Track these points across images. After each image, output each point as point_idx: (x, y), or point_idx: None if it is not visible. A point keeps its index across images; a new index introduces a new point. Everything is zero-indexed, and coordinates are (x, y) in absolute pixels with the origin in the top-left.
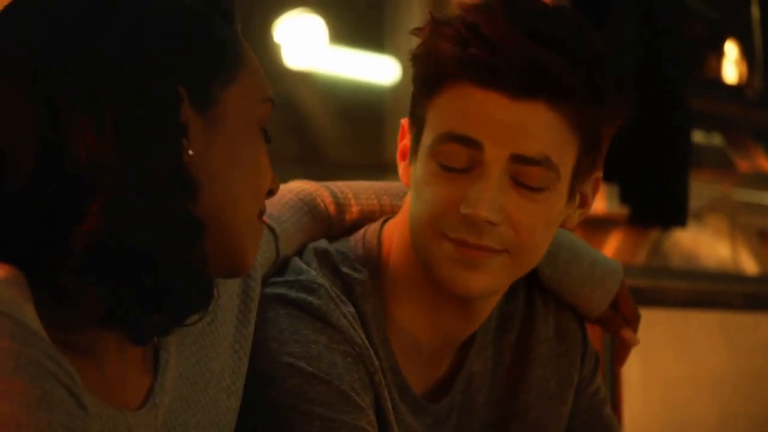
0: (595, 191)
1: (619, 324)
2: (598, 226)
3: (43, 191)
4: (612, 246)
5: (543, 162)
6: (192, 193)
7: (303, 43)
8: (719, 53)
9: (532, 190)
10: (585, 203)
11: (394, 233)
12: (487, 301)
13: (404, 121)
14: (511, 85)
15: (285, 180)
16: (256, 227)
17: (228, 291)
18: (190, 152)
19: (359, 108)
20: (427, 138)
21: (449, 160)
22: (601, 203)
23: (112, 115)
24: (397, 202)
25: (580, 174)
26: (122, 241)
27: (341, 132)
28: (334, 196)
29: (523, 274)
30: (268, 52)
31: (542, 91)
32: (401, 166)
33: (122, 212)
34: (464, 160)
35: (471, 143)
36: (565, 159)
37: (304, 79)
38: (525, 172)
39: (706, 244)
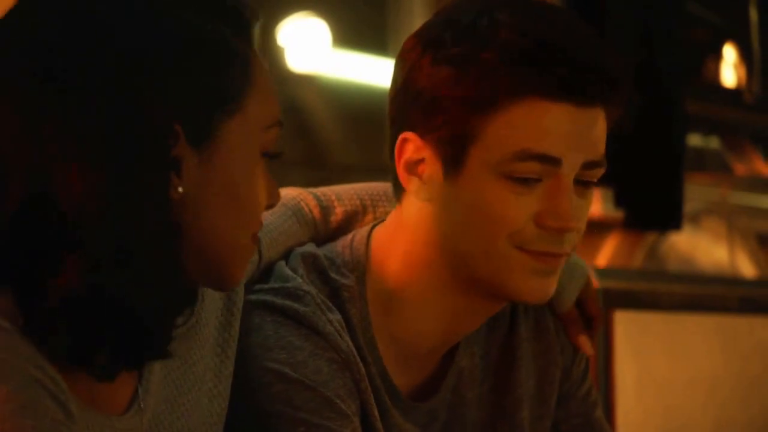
0: None
1: (578, 328)
2: (594, 229)
3: (23, 236)
4: (608, 249)
5: (603, 161)
6: (176, 238)
7: (306, 47)
8: (718, 57)
9: (588, 186)
10: None
11: (385, 242)
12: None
13: (410, 136)
14: (582, 95)
15: (288, 184)
16: (248, 249)
17: (211, 292)
18: (180, 190)
19: (363, 111)
20: (485, 155)
21: (523, 174)
22: (597, 207)
23: (102, 167)
24: (377, 201)
25: None
26: (97, 297)
27: (345, 135)
28: (318, 199)
29: None
30: (271, 55)
31: (605, 99)
32: (413, 182)
33: (101, 269)
34: (537, 173)
35: (550, 161)
36: None
37: (307, 82)
38: (590, 174)
39: (704, 247)
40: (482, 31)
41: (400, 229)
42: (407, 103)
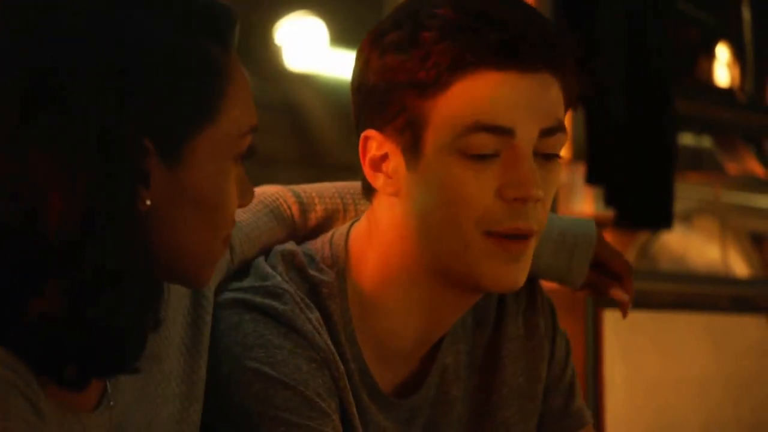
0: None
1: (606, 284)
2: None
3: (5, 259)
4: None
5: (560, 127)
6: (150, 254)
7: (303, 45)
8: (711, 56)
9: (551, 158)
10: None
11: (362, 240)
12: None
13: (371, 133)
14: (526, 62)
15: (285, 182)
16: (218, 251)
17: (176, 290)
18: (148, 202)
19: None
20: (438, 137)
21: (478, 149)
22: (589, 205)
23: (76, 188)
24: (360, 200)
25: None
26: (75, 317)
27: (342, 134)
28: (298, 197)
29: None
30: (268, 54)
31: (551, 63)
32: (379, 178)
33: (81, 293)
34: (492, 147)
35: (502, 131)
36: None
37: (304, 81)
38: (549, 143)
39: (696, 246)
40: (421, 15)
41: (374, 226)
42: (364, 101)
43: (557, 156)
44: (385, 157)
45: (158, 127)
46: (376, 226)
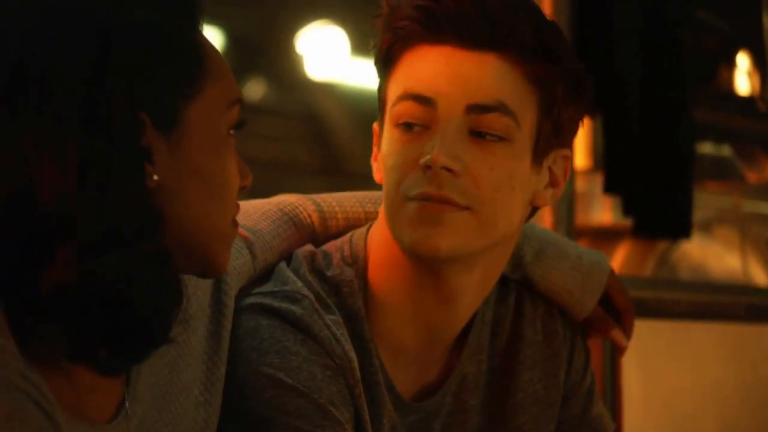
0: (565, 171)
1: (609, 324)
2: (606, 237)
3: (10, 234)
4: (619, 257)
5: (499, 107)
6: (160, 224)
7: (325, 55)
8: (731, 65)
9: (491, 139)
10: (555, 182)
11: (375, 234)
12: (464, 280)
13: (375, 126)
14: (460, 36)
15: (307, 191)
16: (229, 234)
17: (199, 299)
18: (155, 177)
19: None
20: (388, 111)
21: (407, 118)
22: (608, 214)
23: (76, 155)
24: (380, 209)
25: (542, 138)
26: (90, 285)
27: (363, 143)
28: (318, 206)
29: (490, 242)
30: (290, 63)
31: (491, 41)
32: (374, 167)
33: (91, 257)
34: (421, 117)
35: (424, 101)
36: (524, 111)
37: (326, 90)
38: (482, 121)
39: (716, 255)
40: (384, 6)
41: (381, 219)
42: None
43: (501, 138)
44: (376, 150)
45: (150, 99)
46: (382, 219)
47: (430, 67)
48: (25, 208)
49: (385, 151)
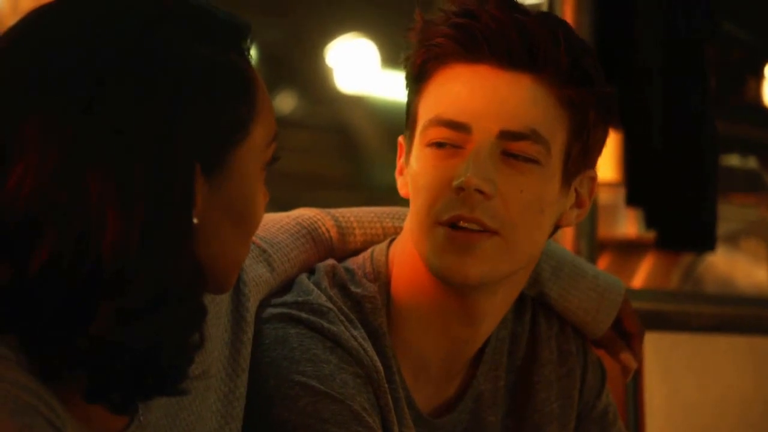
0: (591, 191)
1: (619, 346)
2: (630, 250)
3: (55, 284)
4: (644, 270)
5: (530, 135)
6: (202, 284)
7: (355, 67)
8: (758, 76)
9: (522, 161)
10: (581, 203)
11: (398, 250)
12: (488, 302)
13: (401, 139)
14: (498, 56)
15: (336, 204)
16: (245, 257)
17: (216, 307)
18: (195, 221)
19: None
20: (418, 130)
21: (439, 140)
22: (633, 227)
23: (133, 209)
24: (399, 224)
25: (571, 161)
26: (126, 342)
27: (393, 156)
28: (336, 221)
29: (517, 266)
30: (320, 76)
31: (529, 63)
32: (399, 181)
33: (134, 317)
34: (454, 139)
35: (458, 127)
36: (555, 135)
37: (356, 103)
38: (514, 147)
39: (743, 268)
40: (418, 20)
41: (404, 236)
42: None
43: (532, 161)
44: (401, 164)
45: (204, 146)
46: (406, 236)
47: (465, 89)
48: (78, 256)
49: (416, 169)
